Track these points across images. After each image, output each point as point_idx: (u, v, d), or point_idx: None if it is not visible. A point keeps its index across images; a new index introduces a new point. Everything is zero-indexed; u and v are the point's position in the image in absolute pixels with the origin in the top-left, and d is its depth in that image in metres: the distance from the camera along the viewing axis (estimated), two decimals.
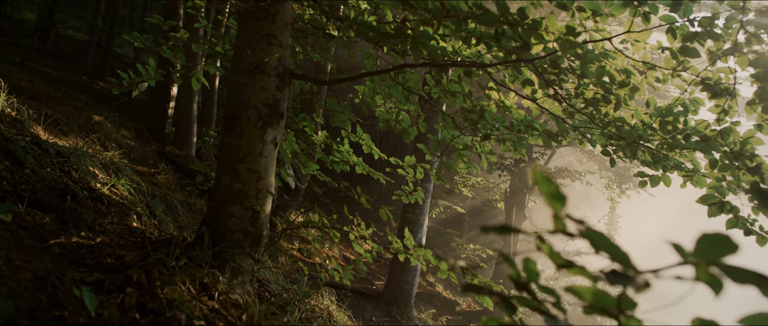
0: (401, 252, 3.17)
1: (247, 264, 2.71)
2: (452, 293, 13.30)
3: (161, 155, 7.75)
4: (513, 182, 13.49)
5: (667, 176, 3.35)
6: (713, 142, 2.98)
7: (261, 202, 2.72)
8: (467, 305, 12.74)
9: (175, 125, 8.73)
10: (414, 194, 4.01)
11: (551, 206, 0.90)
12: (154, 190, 5.58)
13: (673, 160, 3.25)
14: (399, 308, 7.67)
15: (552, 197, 0.89)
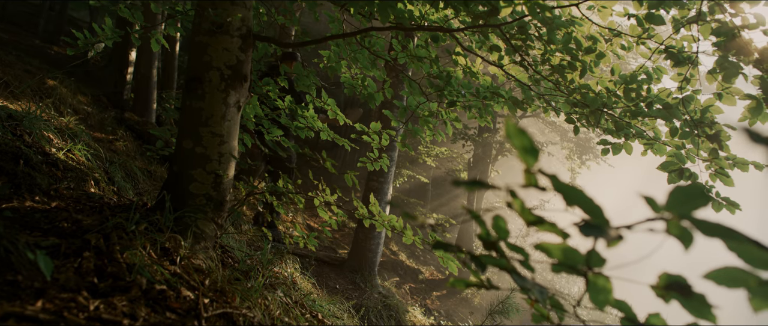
0: (366, 218, 3.16)
1: (210, 230, 2.67)
2: (415, 262, 13.43)
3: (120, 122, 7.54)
4: (476, 152, 13.59)
5: (628, 143, 3.40)
6: (675, 110, 3.03)
7: (224, 166, 2.67)
8: (430, 273, 12.90)
9: (134, 91, 8.50)
10: (379, 162, 3.98)
11: (523, 160, 0.89)
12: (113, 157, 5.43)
13: (635, 128, 3.29)
14: (363, 276, 7.71)
15: (525, 151, 0.87)
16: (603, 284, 1.05)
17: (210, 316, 1.83)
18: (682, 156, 3.10)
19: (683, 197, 0.77)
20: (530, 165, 0.89)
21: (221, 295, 2.14)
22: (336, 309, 4.20)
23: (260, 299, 2.38)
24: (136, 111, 8.14)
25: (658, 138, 3.31)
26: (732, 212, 3.07)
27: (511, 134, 0.85)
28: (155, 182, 5.98)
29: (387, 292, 7.80)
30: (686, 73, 3.05)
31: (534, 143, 0.85)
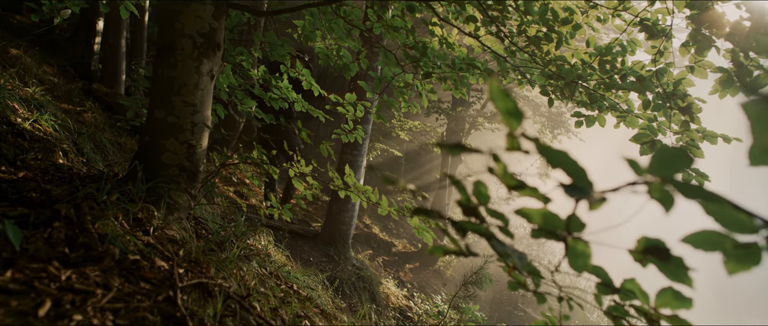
0: (341, 189, 3.14)
1: (184, 200, 2.63)
2: (388, 235, 13.51)
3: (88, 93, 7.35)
4: (449, 126, 13.62)
5: (602, 116, 3.44)
6: (648, 82, 3.06)
7: (197, 136, 2.62)
8: (403, 246, 12.99)
9: (102, 62, 8.28)
10: (354, 133, 3.96)
11: (507, 124, 0.88)
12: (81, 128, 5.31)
13: (609, 100, 3.32)
14: (337, 248, 7.72)
15: (508, 114, 0.87)
16: (582, 248, 1.06)
17: (185, 286, 1.81)
18: (654, 128, 3.14)
19: (666, 160, 0.77)
20: (513, 128, 0.88)
21: (196, 266, 2.12)
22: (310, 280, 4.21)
23: (235, 270, 2.37)
24: (105, 82, 7.94)
25: (631, 111, 3.35)
26: (701, 184, 3.13)
27: (495, 96, 0.84)
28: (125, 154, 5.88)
29: (361, 265, 7.84)
30: (660, 46, 3.08)
31: (518, 106, 0.84)
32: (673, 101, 3.00)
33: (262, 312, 1.98)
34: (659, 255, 0.97)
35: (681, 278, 0.99)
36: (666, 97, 3.02)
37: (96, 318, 1.41)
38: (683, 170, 0.76)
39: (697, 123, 3.03)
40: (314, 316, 2.42)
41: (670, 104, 3.02)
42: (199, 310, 1.70)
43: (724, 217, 0.89)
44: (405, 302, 7.98)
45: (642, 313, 1.28)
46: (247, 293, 2.05)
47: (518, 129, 0.90)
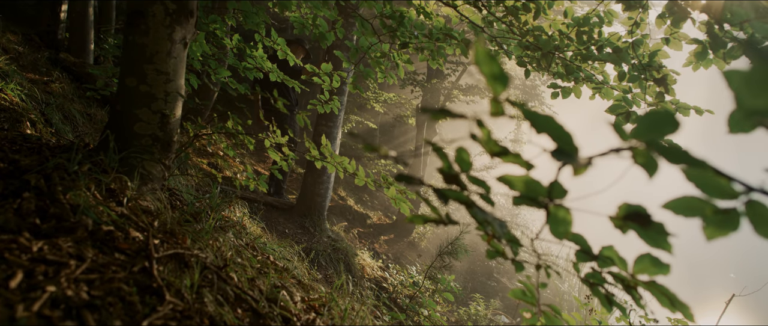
0: (318, 160, 3.12)
1: (157, 171, 2.58)
2: (363, 207, 13.53)
3: (55, 63, 7.15)
4: (425, 98, 13.58)
5: (578, 87, 3.45)
6: (624, 54, 3.07)
7: (170, 105, 2.57)
8: (377, 218, 13.04)
9: (69, 31, 8.04)
10: (329, 104, 3.93)
11: (492, 88, 0.87)
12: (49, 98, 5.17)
13: (585, 71, 3.33)
14: (312, 220, 7.71)
15: (493, 78, 0.85)
16: (563, 215, 1.07)
17: (161, 257, 1.79)
18: (629, 100, 3.16)
19: (652, 124, 0.77)
20: (498, 93, 0.87)
21: (171, 236, 2.09)
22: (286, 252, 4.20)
23: (211, 241, 2.34)
24: (72, 51, 7.72)
25: (607, 82, 3.37)
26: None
27: (481, 60, 0.83)
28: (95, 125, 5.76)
29: (336, 236, 7.85)
30: (636, 17, 3.09)
31: (503, 71, 0.83)
32: (648, 72, 3.03)
33: (240, 283, 1.97)
34: (640, 221, 0.98)
35: (661, 244, 1.00)
36: (641, 68, 3.04)
37: (70, 289, 1.38)
38: (670, 134, 0.76)
39: (671, 95, 3.06)
40: (291, 287, 2.41)
41: (645, 76, 3.04)
42: (176, 281, 1.68)
43: (704, 183, 0.89)
44: (380, 273, 8.03)
45: (619, 279, 1.29)
46: (223, 263, 2.03)
47: (503, 94, 0.89)
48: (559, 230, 1.09)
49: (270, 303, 1.96)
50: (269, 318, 1.83)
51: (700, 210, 0.94)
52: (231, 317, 1.64)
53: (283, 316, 1.90)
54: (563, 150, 0.79)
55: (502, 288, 12.31)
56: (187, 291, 1.64)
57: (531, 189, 1.03)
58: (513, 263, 1.59)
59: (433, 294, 5.10)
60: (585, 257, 1.26)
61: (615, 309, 1.50)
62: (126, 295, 1.48)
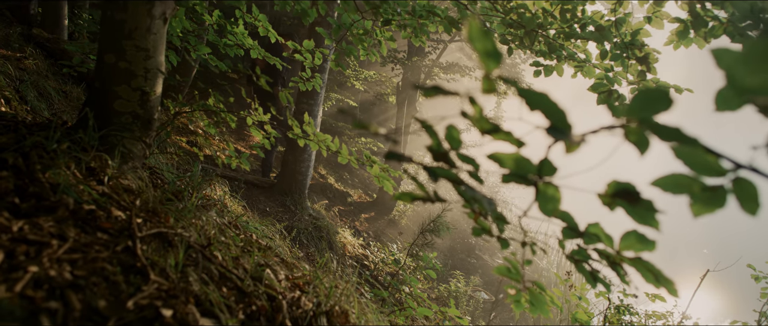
0: (301, 137, 3.10)
1: (138, 149, 2.55)
2: (343, 185, 13.53)
3: (28, 39, 6.98)
4: (405, 76, 13.54)
5: (560, 66, 3.46)
6: (607, 32, 3.08)
7: (151, 83, 2.52)
8: (358, 196, 13.05)
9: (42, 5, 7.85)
10: (312, 81, 3.89)
11: (484, 65, 0.86)
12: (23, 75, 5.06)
13: (567, 50, 3.34)
14: (293, 198, 7.69)
15: (487, 55, 0.85)
16: (552, 193, 1.07)
17: (144, 236, 1.77)
18: (611, 78, 3.18)
19: (646, 101, 0.77)
20: (491, 70, 0.87)
21: (154, 215, 2.07)
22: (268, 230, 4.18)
23: (194, 219, 2.32)
24: (46, 27, 7.54)
25: (589, 60, 3.38)
26: None
27: (474, 36, 0.82)
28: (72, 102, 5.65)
29: (317, 214, 7.85)
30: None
31: (497, 47, 0.82)
32: (630, 51, 3.04)
33: (224, 262, 1.96)
34: (629, 198, 0.99)
35: (648, 221, 1.01)
36: (624, 47, 3.05)
37: (53, 269, 1.36)
38: (663, 112, 0.76)
39: (653, 73, 3.09)
40: (275, 265, 2.41)
41: (627, 54, 3.06)
42: (160, 260, 1.66)
43: (693, 160, 0.90)
44: (361, 251, 8.06)
45: (604, 256, 1.31)
46: (207, 242, 2.02)
47: (495, 71, 0.89)
48: (548, 207, 1.09)
49: (255, 281, 1.95)
50: (254, 297, 1.82)
51: (688, 188, 0.95)
52: (216, 296, 1.63)
53: (268, 294, 1.90)
54: (557, 127, 0.79)
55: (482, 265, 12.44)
56: (171, 270, 1.63)
57: (521, 167, 1.04)
58: (498, 240, 1.59)
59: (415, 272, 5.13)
60: (571, 234, 1.26)
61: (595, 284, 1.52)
62: (110, 275, 1.47)
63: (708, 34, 2.85)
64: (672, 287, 1.18)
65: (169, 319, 1.39)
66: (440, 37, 13.86)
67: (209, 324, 1.49)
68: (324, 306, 1.96)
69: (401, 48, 15.48)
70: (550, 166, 1.00)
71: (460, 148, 1.10)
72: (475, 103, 0.89)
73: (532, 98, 0.79)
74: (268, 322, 1.73)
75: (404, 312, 3.53)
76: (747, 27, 2.70)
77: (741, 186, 0.92)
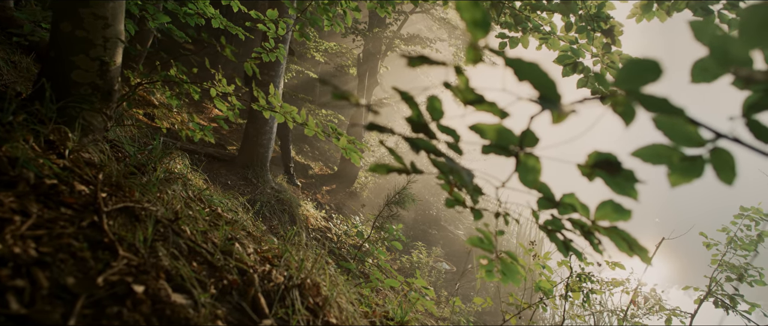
0: (265, 109, 3.04)
1: (99, 122, 2.47)
2: (304, 158, 13.44)
3: None
4: (366, 48, 13.43)
5: (526, 38, 3.47)
6: (572, 4, 3.09)
7: (110, 52, 2.43)
8: (319, 169, 13.00)
9: None
10: (275, 52, 3.82)
11: (471, 34, 0.85)
12: None
13: (533, 22, 3.35)
14: (254, 171, 7.60)
15: (474, 25, 0.83)
16: (533, 164, 1.07)
17: (111, 210, 1.72)
18: (576, 50, 3.21)
19: (635, 72, 0.77)
20: (477, 39, 0.86)
21: (118, 190, 2.01)
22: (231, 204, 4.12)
23: (160, 193, 2.27)
24: None
25: (554, 33, 3.40)
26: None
27: (462, 5, 0.81)
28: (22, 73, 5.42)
29: (279, 187, 7.78)
30: None
31: (486, 16, 0.81)
32: (595, 23, 3.07)
33: (193, 236, 1.92)
34: (609, 169, 1.00)
35: (627, 191, 1.02)
36: (589, 19, 3.08)
37: (17, 246, 1.31)
38: (652, 82, 0.77)
39: (617, 46, 3.13)
40: (243, 239, 2.38)
41: (592, 27, 3.09)
42: (128, 235, 1.62)
43: (673, 131, 0.91)
44: (324, 223, 8.05)
45: (578, 226, 1.32)
46: (175, 216, 1.98)
47: (482, 40, 0.88)
48: (528, 178, 1.10)
49: (225, 255, 1.93)
50: (225, 271, 1.80)
51: (667, 158, 0.97)
52: (187, 271, 1.61)
53: (239, 268, 1.88)
54: (548, 97, 0.78)
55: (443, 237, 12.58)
56: (140, 245, 1.59)
57: (503, 138, 1.03)
58: (472, 212, 1.60)
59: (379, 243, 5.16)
60: (547, 204, 1.28)
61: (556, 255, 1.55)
62: (77, 251, 1.42)
63: (671, 7, 2.90)
64: (645, 255, 1.20)
65: (141, 295, 1.36)
66: (402, 9, 13.76)
67: (182, 299, 1.47)
68: (295, 279, 1.95)
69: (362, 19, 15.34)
70: (533, 137, 1.00)
71: (441, 119, 1.09)
72: (461, 73, 0.88)
73: (522, 68, 0.78)
74: (240, 296, 1.71)
75: (370, 284, 3.55)
76: (709, 1, 2.75)
77: (719, 156, 0.93)
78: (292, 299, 1.85)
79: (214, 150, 7.71)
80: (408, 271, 8.58)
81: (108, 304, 1.28)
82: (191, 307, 1.45)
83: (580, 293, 3.79)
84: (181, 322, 1.36)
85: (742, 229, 5.53)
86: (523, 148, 1.04)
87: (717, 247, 5.68)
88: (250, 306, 1.69)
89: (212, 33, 12.43)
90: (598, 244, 1.31)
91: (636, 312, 5.71)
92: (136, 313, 1.29)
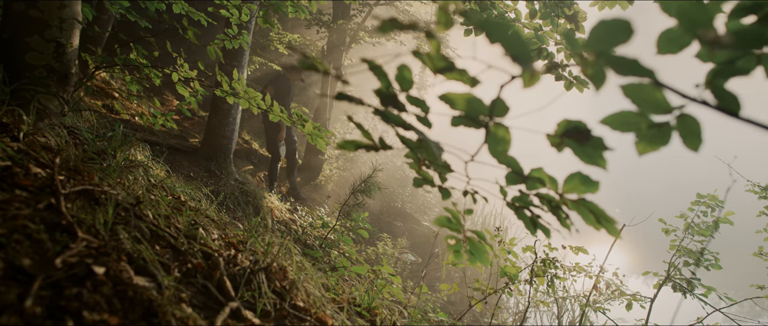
0: (229, 94, 2.99)
1: (55, 105, 2.39)
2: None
3: None
4: (331, 40, 13.34)
5: None
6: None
7: (66, 34, 2.35)
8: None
9: None
10: (238, 39, 3.75)
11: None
12: None
13: (498, 8, 3.36)
14: (218, 163, 7.49)
15: None
16: (502, 134, 1.07)
17: (69, 193, 1.66)
18: (541, 37, 3.24)
19: (605, 32, 0.77)
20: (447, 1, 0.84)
21: (76, 174, 1.95)
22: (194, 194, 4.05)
23: (120, 178, 2.21)
24: None
25: (519, 19, 3.42)
26: (580, 90, 3.30)
27: None
28: None
29: (243, 179, 7.69)
30: None
31: None
32: (559, 9, 3.10)
33: (155, 220, 1.87)
34: (578, 138, 1.00)
35: (596, 160, 1.02)
36: (553, 6, 3.11)
37: None
38: (623, 43, 0.77)
39: (581, 32, 3.16)
40: (208, 225, 2.33)
41: (556, 13, 3.11)
42: (88, 218, 1.57)
43: (641, 97, 0.92)
44: (289, 216, 7.98)
45: (546, 201, 1.33)
46: (136, 201, 1.93)
47: (452, 5, 0.87)
48: (498, 149, 1.09)
49: (189, 239, 1.89)
50: (190, 254, 1.76)
51: (635, 125, 0.97)
52: (150, 253, 1.56)
53: (203, 252, 1.84)
54: (520, 56, 0.77)
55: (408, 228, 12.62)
56: (101, 228, 1.54)
57: (472, 108, 1.02)
58: (440, 190, 1.60)
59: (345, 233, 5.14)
60: (516, 178, 1.28)
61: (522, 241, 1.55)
62: (33, 233, 1.37)
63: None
64: (612, 226, 1.21)
65: (101, 277, 1.31)
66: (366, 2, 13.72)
67: (145, 281, 1.43)
68: (262, 263, 1.92)
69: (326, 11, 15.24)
70: (503, 106, 0.99)
71: (410, 90, 1.08)
72: (432, 37, 0.87)
73: (494, 28, 0.78)
74: (205, 280, 1.67)
75: (337, 273, 3.53)
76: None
77: (685, 122, 0.94)
78: (258, 282, 1.82)
79: (177, 142, 7.57)
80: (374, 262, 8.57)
81: (67, 286, 1.24)
82: (154, 289, 1.42)
83: (544, 278, 3.84)
84: (144, 304, 1.32)
85: (699, 215, 5.68)
86: (493, 118, 1.03)
87: (675, 233, 5.83)
88: (216, 288, 1.65)
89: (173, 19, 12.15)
90: (565, 218, 1.32)
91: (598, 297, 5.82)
92: (97, 294, 1.25)
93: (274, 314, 1.73)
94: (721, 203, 5.70)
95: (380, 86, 1.10)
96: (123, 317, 1.24)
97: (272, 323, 1.66)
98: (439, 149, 1.19)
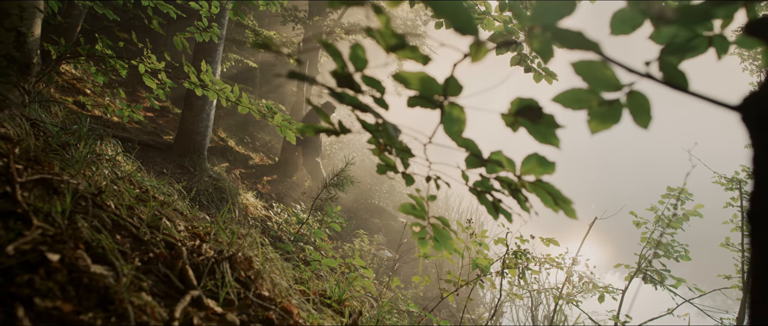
0: (198, 87, 2.95)
1: (15, 96, 2.34)
2: (244, 148, 13.22)
3: None
4: (306, 36, 13.31)
5: None
6: None
7: (27, 23, 2.31)
8: (260, 159, 12.80)
9: None
10: (209, 31, 3.71)
11: None
12: None
13: (468, 2, 3.37)
14: (192, 160, 7.42)
15: None
16: (458, 114, 1.07)
17: (25, 182, 1.63)
18: (510, 29, 3.25)
19: (549, 6, 0.77)
20: None
21: (36, 163, 1.91)
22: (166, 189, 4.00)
23: (83, 169, 2.18)
24: None
25: (489, 13, 3.43)
26: (549, 82, 3.33)
27: None
28: None
29: (217, 176, 7.63)
30: None
31: None
32: (529, 2, 3.12)
33: (118, 210, 1.85)
34: (531, 115, 1.00)
35: (550, 138, 1.03)
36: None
37: None
38: (566, 16, 0.77)
39: None
40: (174, 217, 2.31)
41: (525, 5, 3.13)
42: (45, 206, 1.54)
43: (592, 75, 0.92)
44: (264, 213, 7.94)
45: (506, 184, 1.33)
46: (98, 191, 1.89)
47: None
48: (454, 129, 1.09)
49: (152, 229, 1.86)
50: (152, 244, 1.74)
51: (587, 102, 0.98)
52: (109, 242, 1.54)
53: (166, 242, 1.81)
54: (463, 27, 0.77)
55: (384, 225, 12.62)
56: (58, 216, 1.52)
57: (427, 87, 1.02)
58: (403, 176, 1.59)
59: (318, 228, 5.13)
60: (475, 161, 1.28)
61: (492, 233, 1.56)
62: None
63: None
64: (569, 207, 1.22)
65: (55, 264, 1.29)
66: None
67: (103, 269, 1.40)
68: (226, 253, 1.90)
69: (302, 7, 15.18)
70: (456, 84, 0.99)
71: (364, 69, 1.07)
72: (381, 12, 0.86)
73: (438, 5, 0.77)
74: (167, 269, 1.65)
75: (310, 267, 3.51)
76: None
77: (634, 99, 0.95)
78: (222, 272, 1.80)
79: (149, 138, 7.49)
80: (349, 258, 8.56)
81: (19, 273, 1.21)
82: (112, 277, 1.39)
83: (516, 269, 3.87)
84: (101, 291, 1.30)
85: (669, 208, 5.77)
86: (447, 97, 1.03)
87: (646, 225, 5.91)
88: (178, 277, 1.63)
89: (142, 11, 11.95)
90: (525, 201, 1.32)
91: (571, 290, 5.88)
92: (50, 281, 1.23)
93: (237, 303, 1.71)
94: (691, 195, 5.79)
95: (336, 66, 1.09)
96: (77, 304, 1.22)
97: (235, 312, 1.64)
98: (396, 131, 1.19)
